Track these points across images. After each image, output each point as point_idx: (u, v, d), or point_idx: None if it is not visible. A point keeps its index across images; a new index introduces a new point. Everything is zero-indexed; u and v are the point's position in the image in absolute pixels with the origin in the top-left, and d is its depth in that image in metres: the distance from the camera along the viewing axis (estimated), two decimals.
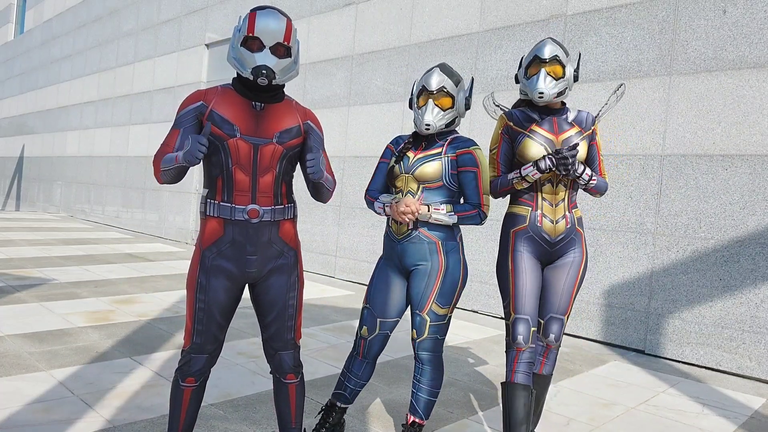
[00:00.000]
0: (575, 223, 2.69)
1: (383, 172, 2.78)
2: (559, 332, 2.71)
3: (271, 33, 2.11)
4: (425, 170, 2.57)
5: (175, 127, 2.18)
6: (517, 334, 2.59)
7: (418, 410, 2.66)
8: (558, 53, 2.56)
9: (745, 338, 4.46)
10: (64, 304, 5.26)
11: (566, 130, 2.62)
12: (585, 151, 2.62)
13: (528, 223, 2.67)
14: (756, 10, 4.54)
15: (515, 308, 2.62)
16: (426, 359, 2.62)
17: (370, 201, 2.75)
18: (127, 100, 12.96)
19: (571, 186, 2.65)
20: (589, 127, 2.66)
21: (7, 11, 21.47)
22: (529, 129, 2.62)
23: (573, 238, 2.69)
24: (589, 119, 2.68)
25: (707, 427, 3.37)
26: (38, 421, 2.81)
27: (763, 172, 4.45)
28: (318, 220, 8.09)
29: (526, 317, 2.59)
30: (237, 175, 2.15)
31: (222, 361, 3.94)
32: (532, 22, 5.94)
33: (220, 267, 2.17)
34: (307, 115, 2.32)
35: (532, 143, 2.59)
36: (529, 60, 2.61)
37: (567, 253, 2.69)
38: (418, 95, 2.62)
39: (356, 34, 7.78)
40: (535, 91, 2.53)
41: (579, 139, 2.61)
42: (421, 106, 2.59)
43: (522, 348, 2.57)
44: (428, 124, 2.54)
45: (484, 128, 6.19)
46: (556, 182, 2.62)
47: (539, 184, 2.62)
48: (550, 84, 2.52)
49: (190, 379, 2.22)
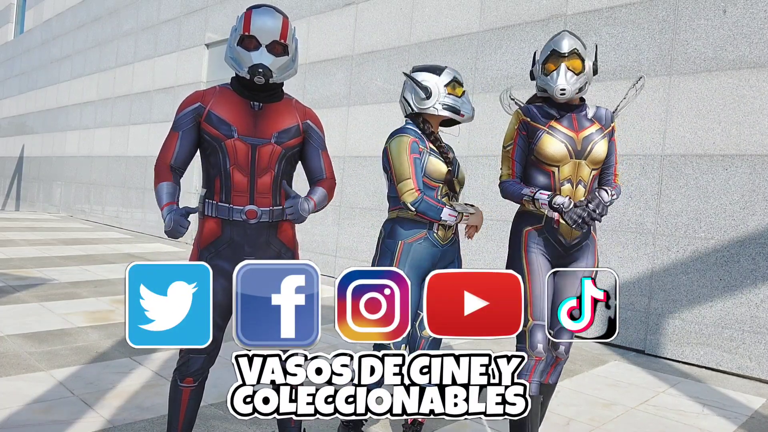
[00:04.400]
0: (590, 228, 2.57)
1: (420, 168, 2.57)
2: (568, 344, 2.55)
3: (267, 31, 2.10)
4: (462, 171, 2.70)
5: (174, 129, 2.18)
6: (536, 342, 2.41)
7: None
8: (577, 46, 2.41)
9: (745, 338, 4.46)
10: (64, 304, 5.26)
11: (586, 127, 2.47)
12: (605, 149, 2.48)
13: (543, 223, 2.50)
14: (756, 10, 4.54)
15: (533, 314, 2.44)
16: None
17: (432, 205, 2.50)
18: (126, 100, 12.96)
19: (591, 187, 2.51)
20: (609, 124, 2.52)
21: (7, 11, 21.46)
22: (548, 125, 2.45)
23: (588, 243, 2.55)
24: (608, 115, 2.54)
25: (707, 427, 3.37)
26: (38, 421, 2.81)
27: (763, 172, 4.45)
28: (318, 220, 8.09)
29: (544, 324, 2.42)
30: (235, 176, 2.14)
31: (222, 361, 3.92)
32: (532, 22, 5.93)
33: (218, 267, 2.16)
34: (307, 114, 2.30)
35: (552, 140, 2.43)
36: (547, 54, 2.44)
37: (579, 260, 2.54)
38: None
39: (356, 33, 7.78)
40: (556, 88, 2.36)
41: (600, 137, 2.45)
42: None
43: (541, 357, 2.43)
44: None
45: (484, 129, 6.19)
46: (576, 183, 2.46)
47: (558, 183, 2.45)
48: (571, 80, 2.37)
49: (189, 379, 2.22)
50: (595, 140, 2.45)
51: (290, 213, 2.10)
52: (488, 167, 6.14)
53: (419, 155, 2.57)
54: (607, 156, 2.52)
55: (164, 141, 2.20)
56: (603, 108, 2.55)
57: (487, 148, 6.15)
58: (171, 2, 11.67)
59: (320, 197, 2.26)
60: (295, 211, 2.11)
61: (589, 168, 2.46)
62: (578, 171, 2.44)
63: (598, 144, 2.44)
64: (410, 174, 2.52)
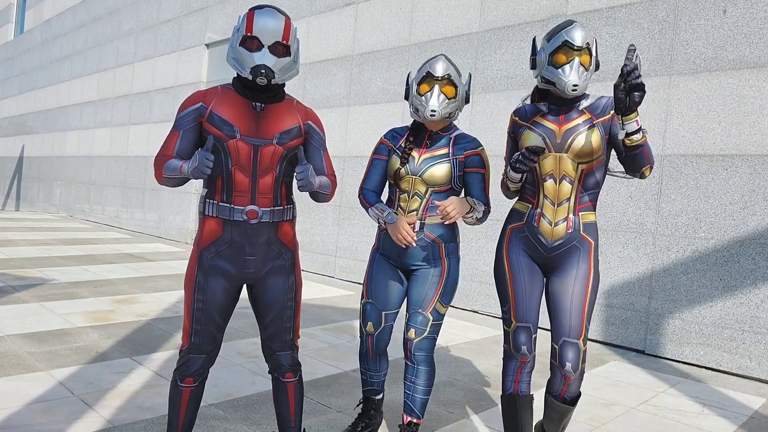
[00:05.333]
0: (580, 229, 2.34)
1: (379, 170, 2.71)
2: (576, 361, 2.28)
3: (269, 32, 2.10)
4: (434, 174, 2.54)
5: (175, 128, 2.18)
6: (520, 344, 2.38)
7: (414, 410, 2.66)
8: (589, 40, 2.26)
9: (745, 338, 4.46)
10: (64, 304, 5.26)
11: (573, 119, 2.32)
12: (592, 141, 2.28)
13: (525, 221, 2.41)
14: (756, 10, 4.54)
15: (516, 315, 2.40)
16: (422, 359, 2.60)
17: (365, 204, 2.67)
18: (126, 100, 12.96)
19: (582, 184, 2.33)
20: (607, 112, 2.32)
21: (7, 11, 21.47)
22: (531, 121, 2.40)
23: (576, 246, 2.34)
24: (608, 104, 2.34)
25: (707, 427, 3.37)
26: (38, 421, 2.81)
27: (763, 172, 4.45)
28: (318, 220, 8.09)
29: (528, 325, 2.38)
30: (237, 176, 2.15)
31: (222, 361, 3.94)
32: (532, 21, 5.93)
33: (218, 267, 2.17)
34: (308, 115, 2.31)
35: (531, 134, 2.37)
36: (557, 45, 2.26)
37: (569, 264, 2.35)
38: (419, 82, 2.53)
39: (356, 34, 7.78)
40: (569, 84, 2.21)
41: (585, 128, 2.30)
42: (424, 93, 2.50)
43: (527, 359, 2.40)
44: (434, 110, 2.46)
45: (483, 129, 6.19)
46: (559, 178, 2.32)
47: (540, 179, 2.35)
48: (583, 75, 2.23)
49: (189, 379, 2.22)
50: (579, 132, 2.29)
51: (301, 178, 2.09)
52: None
53: (385, 155, 2.71)
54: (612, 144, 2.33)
55: (164, 140, 2.20)
56: (606, 97, 2.37)
57: (487, 148, 6.15)
58: (171, 2, 11.67)
59: (325, 182, 2.28)
60: (305, 177, 2.09)
61: (573, 162, 2.30)
62: (560, 165, 2.31)
63: (580, 136, 2.28)
64: (366, 172, 2.76)
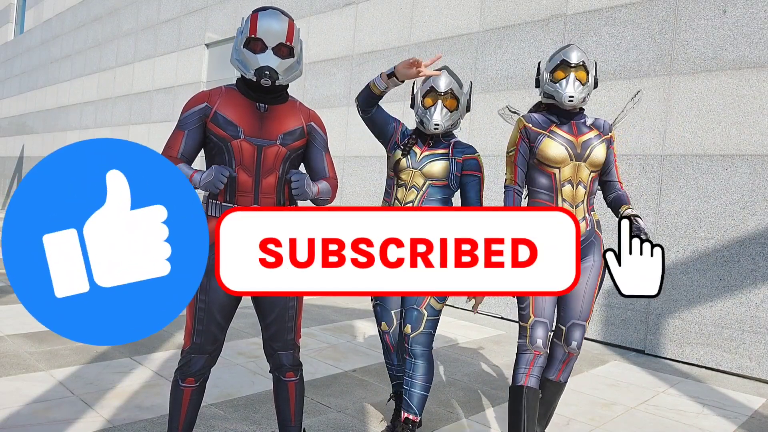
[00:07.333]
0: (594, 226, 2.68)
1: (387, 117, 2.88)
2: (580, 339, 2.66)
3: (273, 34, 2.11)
4: (433, 168, 2.68)
5: (179, 128, 2.18)
6: (536, 337, 2.55)
7: (411, 406, 2.66)
8: (584, 59, 2.61)
9: (745, 338, 4.46)
10: None
11: (585, 132, 2.62)
12: (604, 153, 2.62)
13: None
14: (756, 10, 4.54)
15: (535, 311, 2.57)
16: (419, 353, 2.65)
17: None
18: (126, 100, 12.96)
19: (591, 188, 2.64)
20: (607, 132, 2.67)
21: (7, 11, 21.47)
22: (548, 129, 2.62)
23: (593, 241, 2.68)
24: (606, 126, 2.69)
25: (707, 427, 3.37)
26: (38, 421, 2.81)
27: (763, 172, 4.45)
28: None
29: (545, 321, 2.55)
30: (240, 176, 2.15)
31: (222, 361, 3.94)
32: (532, 22, 5.94)
33: None
34: (311, 117, 2.33)
35: (553, 143, 2.59)
36: (557, 63, 2.61)
37: (586, 257, 2.66)
38: (423, 96, 2.70)
39: (356, 34, 7.78)
40: (565, 95, 2.54)
41: (598, 142, 2.62)
42: (429, 107, 2.68)
43: (540, 352, 2.54)
44: (437, 124, 2.65)
45: (484, 129, 6.19)
46: (576, 183, 2.60)
47: (559, 184, 2.60)
48: (578, 89, 2.56)
49: (190, 379, 2.22)
50: (594, 144, 2.60)
51: (296, 187, 2.11)
52: (488, 166, 6.11)
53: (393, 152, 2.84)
54: (606, 163, 2.68)
55: (168, 140, 2.20)
56: (602, 119, 2.71)
57: (487, 148, 6.15)
58: (171, 2, 11.67)
59: (324, 188, 2.29)
60: (300, 186, 2.12)
61: (588, 170, 2.60)
62: (578, 172, 2.59)
63: (597, 148, 2.59)
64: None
